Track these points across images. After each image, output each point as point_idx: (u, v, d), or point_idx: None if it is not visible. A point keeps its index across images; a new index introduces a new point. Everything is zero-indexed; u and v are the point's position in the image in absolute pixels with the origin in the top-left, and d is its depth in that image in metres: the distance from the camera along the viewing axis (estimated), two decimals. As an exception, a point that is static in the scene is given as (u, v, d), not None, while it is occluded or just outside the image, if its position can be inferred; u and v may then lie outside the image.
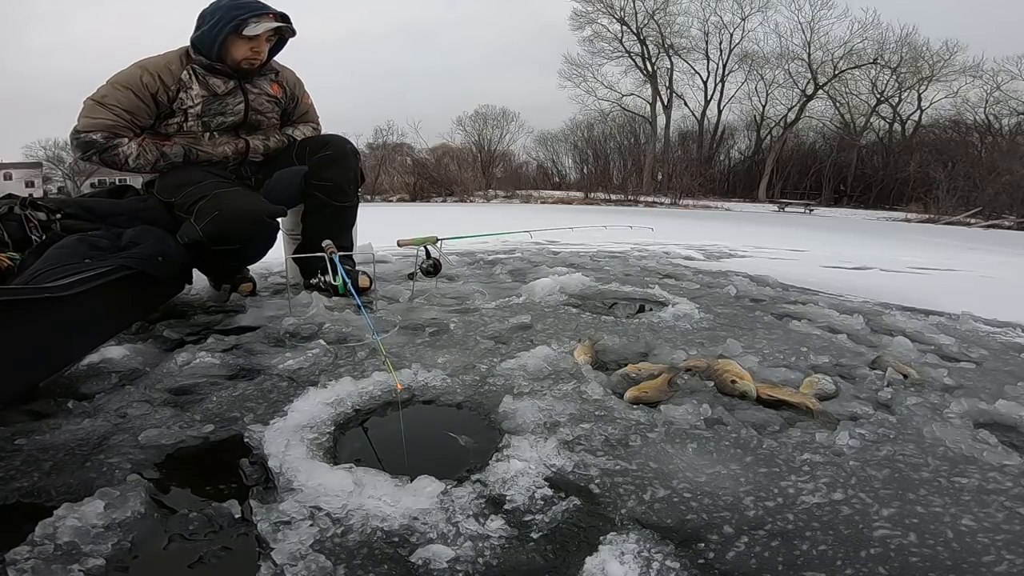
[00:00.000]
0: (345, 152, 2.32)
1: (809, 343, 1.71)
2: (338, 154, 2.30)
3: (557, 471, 0.94)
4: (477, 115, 30.05)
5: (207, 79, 2.06)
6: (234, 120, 2.15)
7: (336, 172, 2.30)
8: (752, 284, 2.75)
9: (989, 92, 24.44)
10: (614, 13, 27.17)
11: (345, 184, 2.32)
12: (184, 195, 1.97)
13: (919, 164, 23.59)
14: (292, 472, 0.91)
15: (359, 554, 0.75)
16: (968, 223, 15.76)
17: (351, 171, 2.34)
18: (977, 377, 1.47)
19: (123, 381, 1.33)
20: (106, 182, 36.91)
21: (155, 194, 2.09)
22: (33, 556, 0.71)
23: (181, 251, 1.85)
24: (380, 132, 26.18)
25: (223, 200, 1.90)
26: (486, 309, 2.06)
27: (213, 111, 2.09)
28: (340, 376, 1.31)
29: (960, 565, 0.74)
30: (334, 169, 2.30)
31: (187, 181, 2.01)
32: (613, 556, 0.73)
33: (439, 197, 22.71)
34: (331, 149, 2.30)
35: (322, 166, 2.30)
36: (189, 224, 1.88)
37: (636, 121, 28.96)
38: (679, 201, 21.41)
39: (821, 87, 26.75)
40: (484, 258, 3.58)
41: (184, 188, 1.99)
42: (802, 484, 0.92)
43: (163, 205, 2.03)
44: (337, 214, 2.33)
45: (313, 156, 2.30)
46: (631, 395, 1.22)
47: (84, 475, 0.92)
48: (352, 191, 2.36)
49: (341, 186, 2.31)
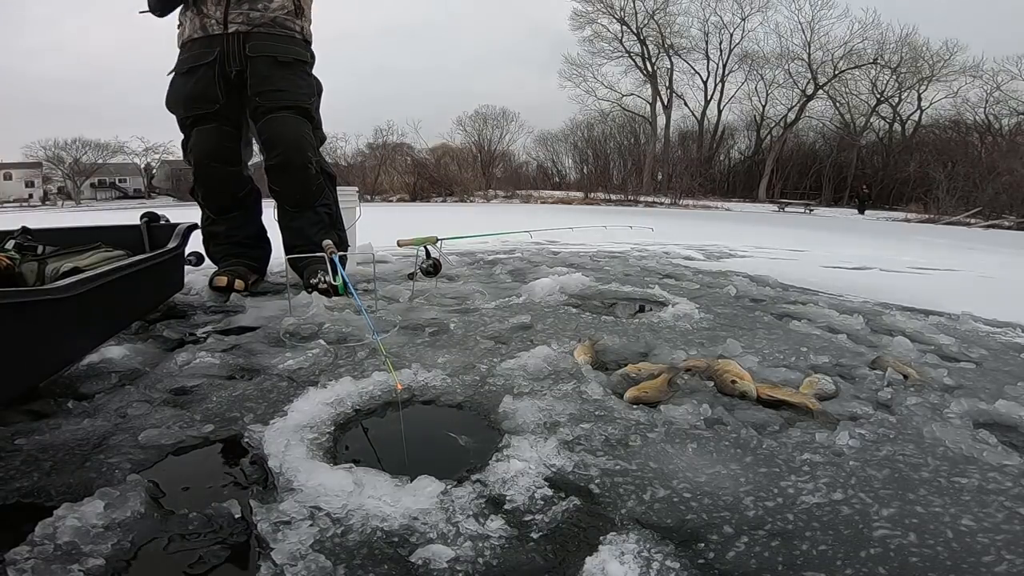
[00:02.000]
0: (286, 164, 2.30)
1: (809, 343, 1.71)
2: (279, 165, 2.30)
3: (557, 471, 0.94)
4: (477, 115, 30.07)
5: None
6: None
7: (281, 183, 2.35)
8: (752, 284, 2.75)
9: (989, 92, 24.43)
10: (614, 13, 27.17)
11: (292, 194, 2.36)
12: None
13: (919, 164, 23.57)
14: (292, 472, 0.91)
15: (359, 554, 0.75)
16: (968, 223, 15.74)
17: (296, 184, 2.34)
18: (977, 377, 1.47)
19: (123, 381, 1.33)
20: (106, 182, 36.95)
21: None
22: (33, 556, 0.71)
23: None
24: (380, 132, 26.20)
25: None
26: (486, 309, 2.06)
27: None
28: (340, 376, 1.31)
29: (960, 565, 0.74)
30: (280, 180, 2.34)
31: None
32: (613, 556, 0.73)
33: (439, 197, 22.71)
34: (276, 158, 2.30)
35: (270, 171, 2.33)
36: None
37: (636, 121, 28.96)
38: (679, 201, 21.39)
39: (821, 87, 26.74)
40: (484, 258, 3.58)
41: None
42: (802, 484, 0.92)
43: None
44: (300, 216, 2.38)
45: (266, 158, 2.33)
46: (631, 395, 1.22)
47: (84, 475, 0.92)
48: (306, 199, 2.38)
49: (289, 196, 2.37)
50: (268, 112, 2.25)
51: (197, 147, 2.29)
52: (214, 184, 2.37)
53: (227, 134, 2.31)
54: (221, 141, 2.30)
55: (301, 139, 2.31)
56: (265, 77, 2.23)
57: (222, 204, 2.42)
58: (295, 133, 2.29)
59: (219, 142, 2.30)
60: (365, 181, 21.94)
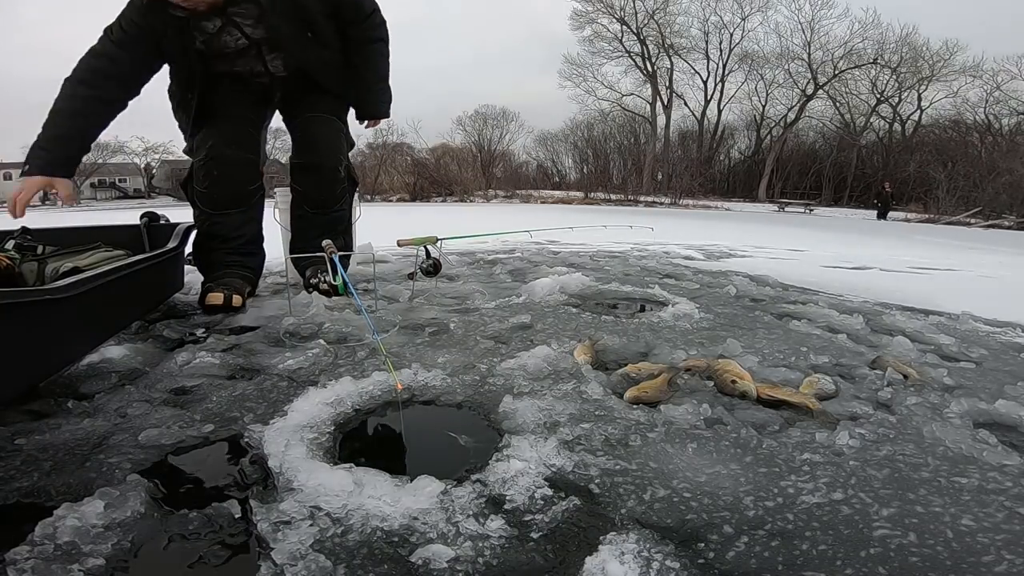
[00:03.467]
0: (319, 166, 2.28)
1: (809, 343, 1.71)
2: (312, 165, 2.28)
3: (557, 471, 0.94)
4: (477, 115, 30.07)
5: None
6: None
7: (308, 183, 2.31)
8: (752, 284, 2.76)
9: (989, 92, 24.43)
10: (614, 13, 27.15)
11: (317, 196, 2.31)
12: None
13: (919, 164, 23.57)
14: (292, 472, 0.91)
15: (359, 554, 0.75)
16: (968, 223, 15.74)
17: (324, 186, 2.30)
18: (977, 377, 1.47)
19: (123, 381, 1.33)
20: (106, 182, 36.92)
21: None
22: (33, 556, 0.71)
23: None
24: (380, 132, 26.17)
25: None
26: (486, 309, 2.06)
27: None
28: (340, 376, 1.31)
29: (960, 565, 0.74)
30: (307, 180, 2.30)
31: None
32: (613, 556, 0.73)
33: (439, 197, 22.71)
34: (310, 157, 2.27)
35: (298, 170, 2.30)
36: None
37: (636, 121, 28.96)
38: (679, 201, 21.39)
39: (821, 87, 26.74)
40: (484, 258, 3.58)
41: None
42: (802, 484, 0.92)
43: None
44: (315, 218, 2.33)
45: (296, 155, 2.29)
46: (631, 395, 1.22)
47: (84, 475, 0.92)
48: (328, 202, 2.33)
49: (312, 197, 2.32)
50: (308, 111, 2.26)
51: (216, 128, 2.16)
52: (227, 171, 2.13)
53: (250, 120, 2.26)
54: (243, 126, 2.22)
55: (339, 142, 2.32)
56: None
57: (232, 194, 2.17)
58: (333, 135, 2.30)
59: (241, 126, 2.21)
60: (365, 181, 21.91)
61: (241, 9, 1.98)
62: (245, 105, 2.25)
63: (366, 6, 2.21)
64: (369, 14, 2.22)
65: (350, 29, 2.21)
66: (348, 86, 2.33)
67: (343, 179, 2.36)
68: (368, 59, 2.30)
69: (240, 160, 2.18)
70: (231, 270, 2.16)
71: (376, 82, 2.37)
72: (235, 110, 2.21)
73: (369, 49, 2.29)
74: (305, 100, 2.28)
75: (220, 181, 2.14)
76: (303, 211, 2.35)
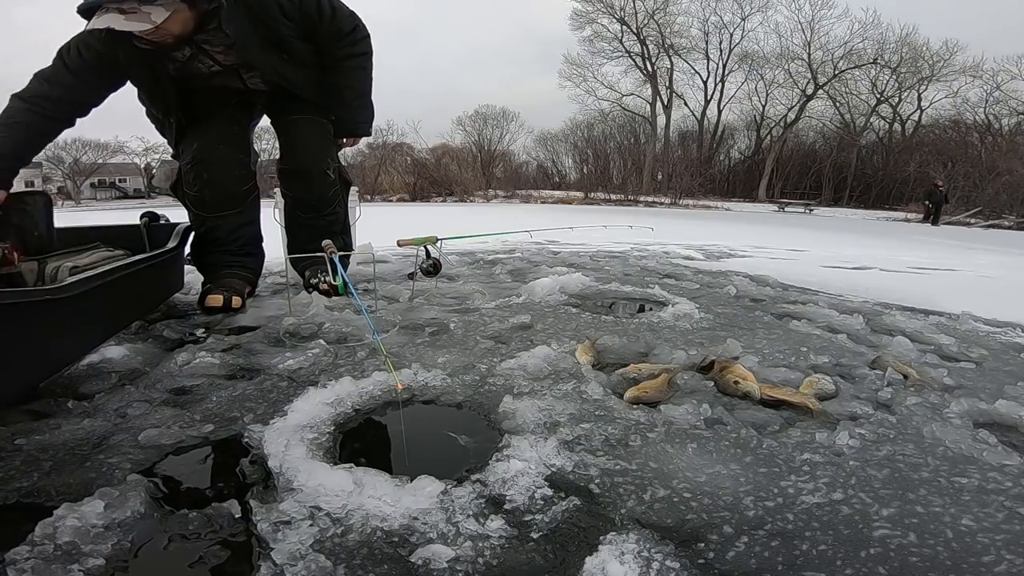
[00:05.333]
0: (306, 170, 2.23)
1: (809, 343, 1.71)
2: (299, 170, 2.24)
3: (557, 471, 0.94)
4: (477, 115, 30.05)
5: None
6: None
7: (298, 188, 2.28)
8: (752, 284, 2.76)
9: (989, 92, 24.42)
10: (614, 13, 27.13)
11: (308, 200, 2.28)
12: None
13: (919, 164, 23.59)
14: (292, 472, 0.91)
15: (359, 554, 0.75)
16: (968, 223, 15.75)
17: (314, 190, 2.27)
18: (977, 377, 1.47)
19: (123, 381, 1.33)
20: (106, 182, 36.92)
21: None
22: (33, 556, 0.71)
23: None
24: (380, 132, 26.18)
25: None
26: (486, 309, 2.06)
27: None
28: (340, 376, 1.31)
29: (960, 565, 0.74)
30: (297, 185, 2.27)
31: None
32: (613, 556, 0.73)
33: (439, 197, 22.70)
34: (296, 162, 2.23)
35: (285, 176, 2.27)
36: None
37: (636, 121, 28.94)
38: (679, 201, 21.38)
39: (821, 87, 26.73)
40: (484, 258, 3.58)
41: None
42: (802, 484, 0.92)
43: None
44: (309, 223, 2.31)
45: (282, 160, 2.26)
46: (631, 395, 1.22)
47: (84, 475, 0.92)
48: (320, 206, 2.30)
49: (304, 202, 2.29)
50: (292, 114, 2.19)
51: (201, 128, 2.11)
52: (218, 171, 2.08)
53: (236, 119, 2.20)
54: (230, 124, 2.16)
55: (326, 144, 2.25)
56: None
57: (224, 195, 2.12)
58: (320, 137, 2.23)
59: (228, 125, 2.15)
60: (365, 181, 21.92)
61: (210, 36, 1.90)
62: (230, 105, 2.19)
63: (344, 27, 2.07)
64: (349, 32, 2.08)
65: (328, 50, 2.10)
66: (330, 99, 2.25)
67: (333, 181, 2.31)
68: (346, 75, 2.17)
69: (229, 160, 2.12)
70: (230, 271, 2.14)
71: (353, 98, 2.24)
72: (220, 110, 2.15)
73: (346, 66, 2.15)
74: (290, 103, 2.20)
75: (210, 184, 2.10)
76: (296, 216, 2.33)
